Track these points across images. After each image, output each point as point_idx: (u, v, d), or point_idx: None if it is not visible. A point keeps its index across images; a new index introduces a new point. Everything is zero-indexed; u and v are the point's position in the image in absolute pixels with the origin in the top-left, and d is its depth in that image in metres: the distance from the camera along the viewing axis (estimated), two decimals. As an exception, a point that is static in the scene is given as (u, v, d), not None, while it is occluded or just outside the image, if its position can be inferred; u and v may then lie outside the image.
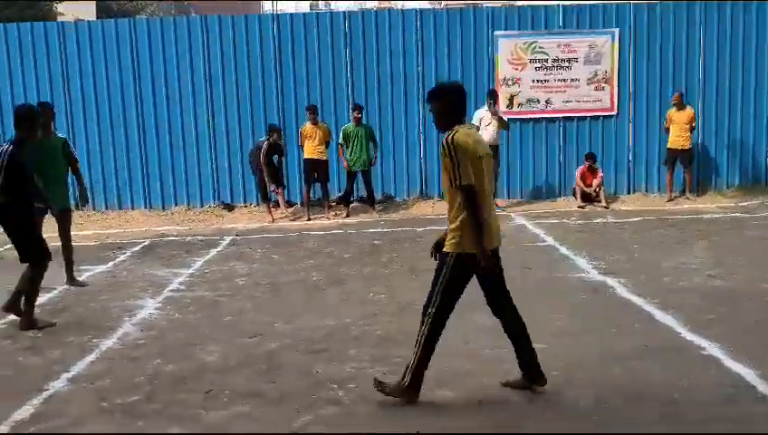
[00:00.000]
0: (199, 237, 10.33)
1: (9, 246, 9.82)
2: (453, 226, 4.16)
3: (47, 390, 4.68)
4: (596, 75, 12.52)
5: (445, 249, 4.23)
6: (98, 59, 12.25)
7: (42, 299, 7.00)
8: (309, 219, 11.49)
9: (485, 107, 11.64)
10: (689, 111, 11.99)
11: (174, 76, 12.31)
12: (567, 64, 12.48)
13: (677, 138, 11.96)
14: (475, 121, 11.57)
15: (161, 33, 12.24)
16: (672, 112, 12.00)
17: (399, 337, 5.49)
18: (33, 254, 6.07)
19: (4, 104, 12.25)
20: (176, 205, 12.54)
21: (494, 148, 11.67)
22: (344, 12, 12.50)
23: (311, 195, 11.87)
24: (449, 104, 4.18)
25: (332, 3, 46.27)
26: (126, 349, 5.47)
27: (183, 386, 4.68)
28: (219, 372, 4.92)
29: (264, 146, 11.37)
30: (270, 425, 4.04)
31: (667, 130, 12.09)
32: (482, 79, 12.45)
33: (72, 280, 7.53)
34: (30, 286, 6.10)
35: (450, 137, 4.05)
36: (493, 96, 11.65)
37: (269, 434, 3.95)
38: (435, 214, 11.73)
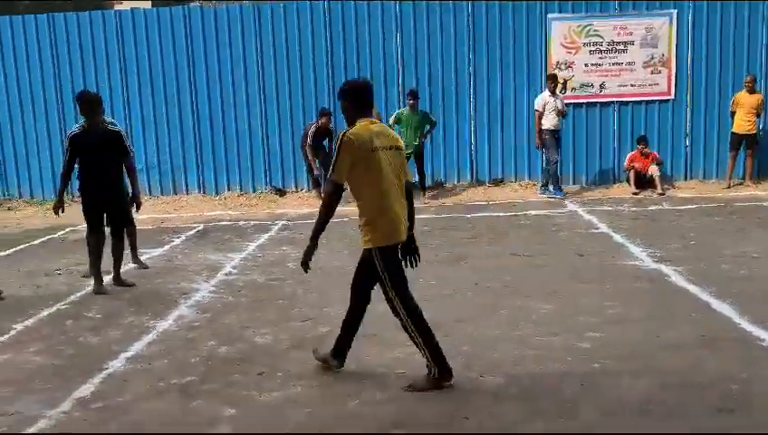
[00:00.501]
0: (251, 222, 10.48)
1: (69, 229, 10.16)
2: (361, 223, 4.23)
3: (106, 369, 4.83)
4: (652, 58, 12.20)
5: (364, 247, 4.28)
6: (153, 47, 12.48)
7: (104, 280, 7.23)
8: (359, 205, 11.52)
9: (547, 92, 11.49)
10: (759, 95, 11.62)
11: (227, 63, 12.46)
12: (622, 47, 12.20)
13: (743, 122, 11.61)
14: (537, 107, 11.44)
15: (215, 21, 12.40)
16: (740, 96, 11.63)
17: (448, 323, 5.47)
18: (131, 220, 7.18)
19: (65, 93, 12.60)
20: (228, 190, 12.74)
21: (557, 132, 11.52)
22: (396, 3, 12.42)
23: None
24: (351, 102, 4.24)
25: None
26: (181, 331, 5.60)
27: (236, 367, 4.77)
28: (271, 354, 5.00)
29: (312, 129, 11.46)
30: (321, 407, 4.09)
31: (733, 114, 11.74)
32: (534, 63, 12.27)
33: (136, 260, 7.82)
34: (122, 251, 6.96)
35: (343, 132, 4.13)
36: (554, 80, 11.49)
37: (270, 434, 3.99)
38: (485, 200, 11.66)
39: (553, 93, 11.45)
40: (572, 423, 3.78)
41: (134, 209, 7.17)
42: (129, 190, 7.01)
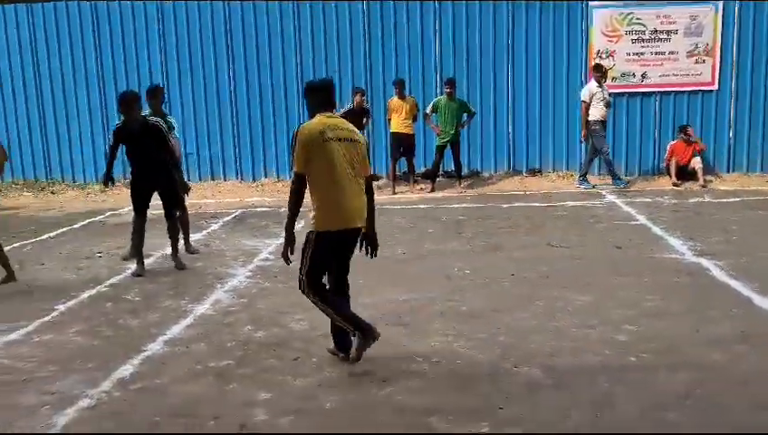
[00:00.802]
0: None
1: (109, 213, 10.32)
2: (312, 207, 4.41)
3: (145, 351, 4.92)
4: (696, 48, 11.95)
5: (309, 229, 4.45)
6: (193, 36, 12.60)
7: (146, 261, 7.35)
8: (394, 193, 11.53)
9: (594, 82, 11.29)
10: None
11: (265, 49, 12.53)
12: (665, 36, 11.96)
13: None
14: (584, 98, 11.22)
15: (253, 8, 12.46)
16: None
17: (484, 313, 5.47)
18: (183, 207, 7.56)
19: (107, 80, 12.80)
20: (265, 177, 12.85)
21: (603, 123, 11.33)
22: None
23: (396, 169, 11.91)
24: (311, 99, 4.51)
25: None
26: (218, 315, 5.67)
27: (272, 352, 4.82)
28: (306, 340, 5.04)
29: (343, 110, 11.48)
30: (354, 393, 4.11)
31: None
32: (575, 52, 12.12)
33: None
34: (176, 230, 7.27)
35: (299, 126, 4.42)
36: (600, 70, 11.30)
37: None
38: (522, 190, 11.57)
39: (600, 84, 11.25)
40: (608, 415, 3.74)
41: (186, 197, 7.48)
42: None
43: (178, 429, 3.77)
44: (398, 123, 11.52)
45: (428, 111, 11.58)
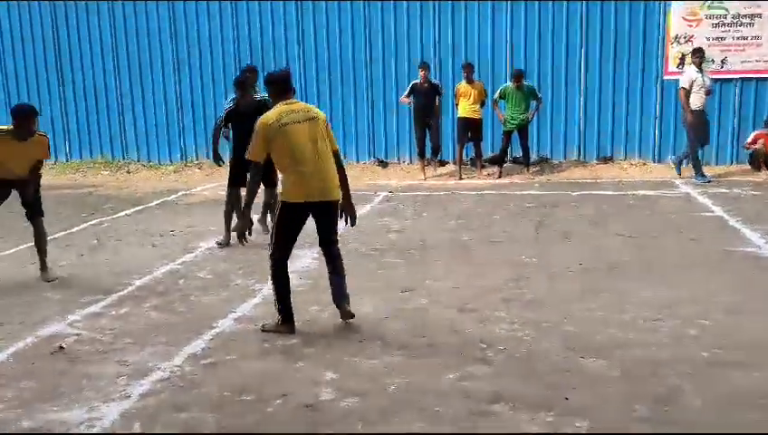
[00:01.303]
0: (355, 193, 10.57)
1: (182, 193, 10.58)
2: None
3: (216, 328, 5.06)
4: (782, 33, 11.42)
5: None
6: (266, 28, 12.78)
7: (209, 243, 7.55)
8: (461, 179, 11.48)
9: (693, 68, 10.67)
10: None
11: (335, 32, 12.59)
12: (749, 21, 11.47)
13: None
14: (684, 84, 10.62)
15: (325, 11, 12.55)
16: None
17: (550, 302, 5.41)
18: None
19: (182, 64, 13.13)
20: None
21: (703, 113, 10.85)
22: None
23: (463, 154, 11.84)
24: (270, 90, 4.95)
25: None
26: (286, 295, 5.78)
27: (338, 333, 4.90)
28: (372, 322, 5.09)
29: (409, 87, 11.46)
30: (419, 377, 4.14)
31: None
32: (651, 36, 11.74)
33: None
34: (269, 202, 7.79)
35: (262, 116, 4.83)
36: (699, 54, 10.66)
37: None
38: (591, 178, 11.34)
39: (700, 69, 10.62)
40: (675, 410, 3.66)
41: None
42: None
43: (246, 405, 3.87)
44: (466, 108, 11.43)
45: (496, 96, 11.45)
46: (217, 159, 8.17)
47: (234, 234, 6.05)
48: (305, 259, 6.86)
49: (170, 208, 9.82)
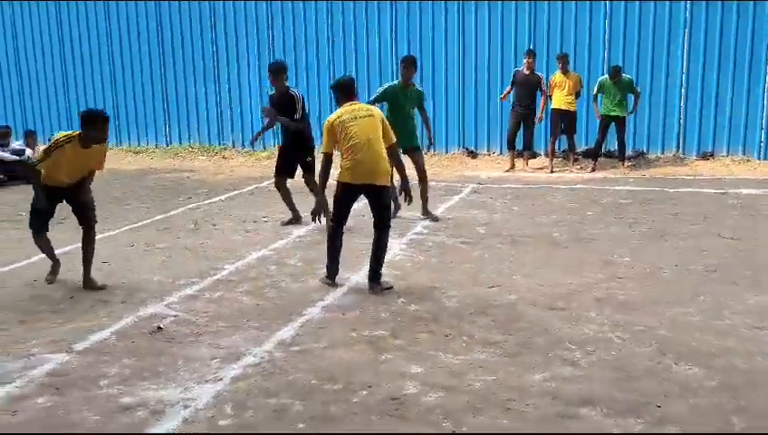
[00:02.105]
0: (442, 183, 10.60)
1: (266, 184, 10.80)
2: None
3: (305, 315, 5.17)
4: None
5: None
6: (359, 21, 12.87)
7: (300, 231, 7.71)
8: (552, 172, 11.25)
9: None
10: None
11: (428, 24, 12.55)
12: None
13: None
14: None
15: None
16: None
17: (643, 304, 5.25)
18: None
19: (299, 65, 13.42)
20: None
21: None
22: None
23: (556, 146, 11.60)
24: (336, 93, 5.95)
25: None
26: (373, 285, 5.84)
27: (424, 327, 4.91)
28: (458, 317, 5.08)
29: (511, 79, 11.31)
30: (505, 377, 4.10)
31: None
32: (761, 27, 11.12)
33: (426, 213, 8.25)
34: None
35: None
36: None
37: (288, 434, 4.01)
38: (690, 174, 10.88)
39: None
40: (779, 427, 3.49)
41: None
42: None
43: (332, 395, 3.94)
44: (560, 99, 11.18)
45: (594, 91, 11.14)
46: (252, 141, 8.92)
47: (307, 214, 6.89)
48: (393, 250, 6.89)
49: (263, 195, 10.06)
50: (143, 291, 5.80)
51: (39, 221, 5.96)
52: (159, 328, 4.96)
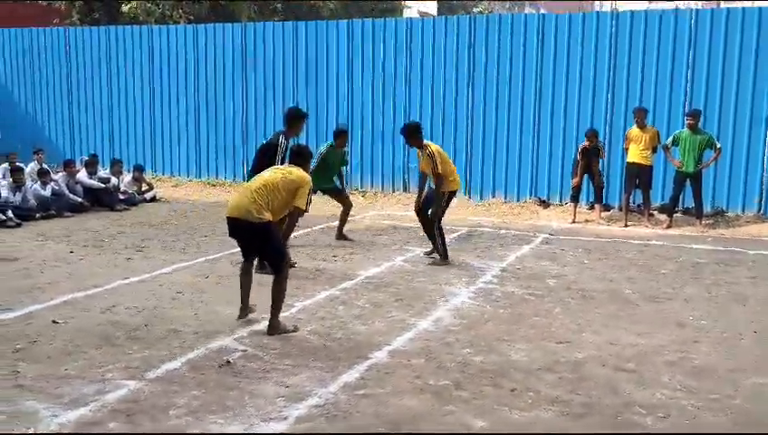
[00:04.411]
0: (513, 231, 10.52)
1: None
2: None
3: (370, 359, 5.19)
4: None
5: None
6: (438, 53, 13.05)
7: (369, 272, 7.77)
8: (626, 226, 11.03)
9: None
10: None
11: (506, 69, 12.61)
12: None
13: None
14: None
15: (498, 28, 12.61)
16: None
17: (719, 371, 5.06)
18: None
19: (340, 92, 13.72)
20: (493, 196, 12.92)
21: None
22: (691, 10, 11.62)
23: (630, 201, 11.38)
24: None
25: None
26: (440, 332, 5.83)
27: (489, 379, 4.86)
28: (524, 371, 5.01)
29: (580, 147, 11.21)
30: (571, 437, 4.02)
31: None
32: None
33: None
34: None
35: (430, 149, 7.97)
36: None
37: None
38: (774, 236, 10.48)
39: None
40: None
41: None
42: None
43: (396, 441, 3.94)
44: (636, 153, 11.00)
45: (668, 143, 10.92)
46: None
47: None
48: (461, 297, 6.88)
49: (332, 233, 10.18)
50: (214, 323, 5.95)
51: None
52: (228, 362, 5.07)
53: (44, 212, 10.99)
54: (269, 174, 5.97)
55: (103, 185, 12.09)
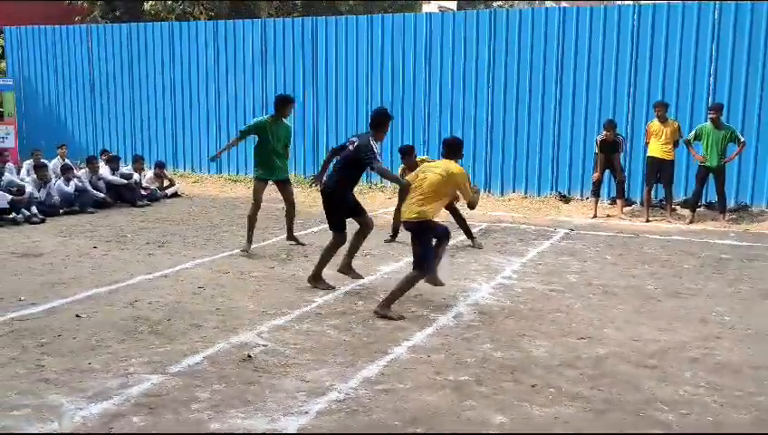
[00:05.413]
0: (533, 227, 10.48)
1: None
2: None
3: (390, 354, 5.20)
4: None
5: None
6: (458, 48, 13.01)
7: (388, 268, 7.77)
8: (647, 221, 10.93)
9: None
10: None
11: (526, 66, 12.54)
12: None
13: None
14: None
15: (518, 24, 12.54)
16: None
17: (743, 368, 5.01)
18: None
19: (374, 84, 13.70)
20: (513, 191, 12.87)
21: None
22: (714, 3, 11.45)
23: (651, 195, 11.28)
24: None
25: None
26: (459, 328, 5.82)
27: (509, 375, 4.84)
28: (545, 367, 4.99)
29: (598, 139, 11.11)
30: (593, 432, 3.99)
31: None
32: None
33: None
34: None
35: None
36: None
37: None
38: (799, 231, 10.34)
39: None
40: None
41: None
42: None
43: (416, 436, 3.94)
44: (657, 147, 10.89)
45: (690, 137, 10.79)
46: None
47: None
48: (481, 293, 6.86)
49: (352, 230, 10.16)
50: (235, 318, 5.99)
51: None
52: (249, 357, 5.10)
53: (68, 208, 11.14)
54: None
55: (125, 181, 12.21)
